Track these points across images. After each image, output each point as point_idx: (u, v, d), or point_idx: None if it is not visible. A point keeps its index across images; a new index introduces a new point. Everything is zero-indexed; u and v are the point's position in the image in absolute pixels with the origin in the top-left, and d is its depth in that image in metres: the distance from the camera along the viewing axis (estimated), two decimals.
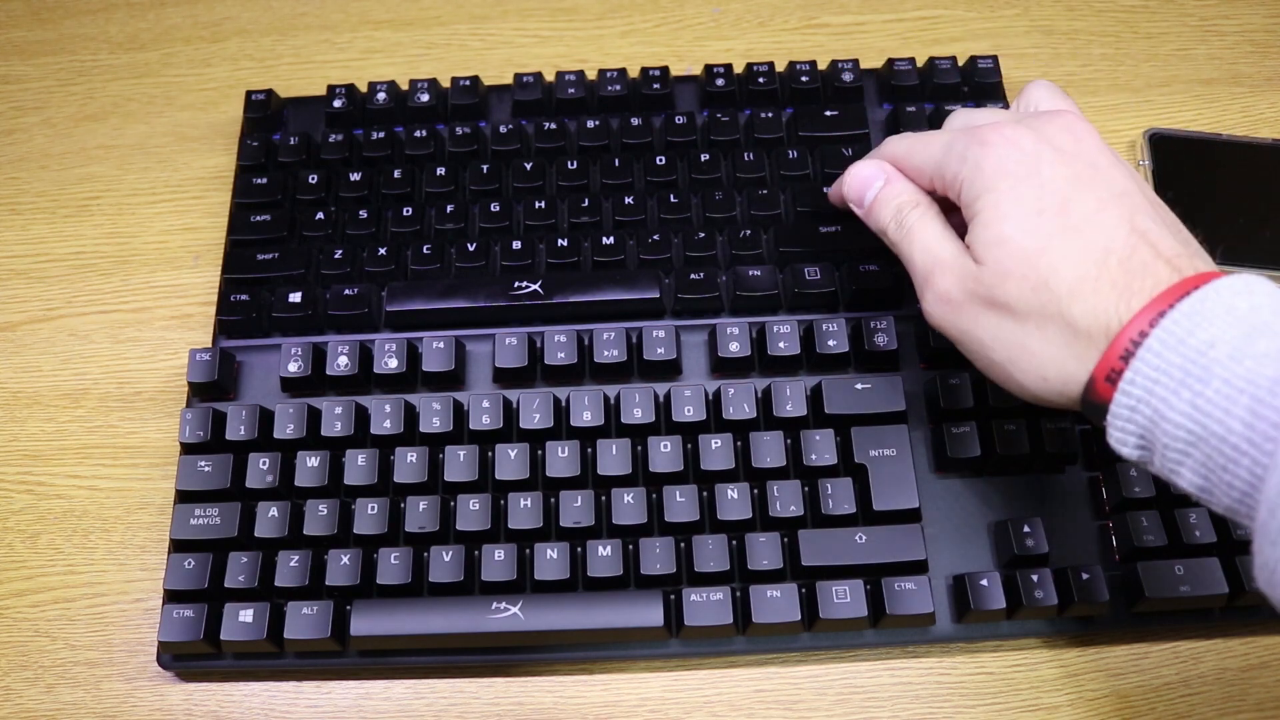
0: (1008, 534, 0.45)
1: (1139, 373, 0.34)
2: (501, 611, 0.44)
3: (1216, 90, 0.59)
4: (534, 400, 0.47)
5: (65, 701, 0.46)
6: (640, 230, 0.53)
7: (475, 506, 0.46)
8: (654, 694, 0.45)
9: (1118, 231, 0.36)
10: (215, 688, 0.46)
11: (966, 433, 0.46)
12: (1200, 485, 0.33)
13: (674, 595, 0.44)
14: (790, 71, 0.56)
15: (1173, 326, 0.33)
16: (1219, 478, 0.32)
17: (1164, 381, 0.33)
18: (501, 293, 0.51)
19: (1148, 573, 0.44)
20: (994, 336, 0.38)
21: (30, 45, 0.63)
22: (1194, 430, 0.32)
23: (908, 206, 0.41)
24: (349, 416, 0.48)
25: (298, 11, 0.64)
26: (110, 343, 0.54)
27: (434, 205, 0.54)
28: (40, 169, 0.59)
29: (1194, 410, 0.32)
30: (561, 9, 0.64)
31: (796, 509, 0.45)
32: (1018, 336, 0.37)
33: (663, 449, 0.46)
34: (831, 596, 0.43)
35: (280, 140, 0.56)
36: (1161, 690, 0.45)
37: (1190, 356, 0.32)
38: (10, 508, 0.50)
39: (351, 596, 0.45)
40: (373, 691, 0.46)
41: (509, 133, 0.55)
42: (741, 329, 0.49)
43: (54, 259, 0.56)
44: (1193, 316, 0.33)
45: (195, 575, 0.45)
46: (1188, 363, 0.32)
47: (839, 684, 0.45)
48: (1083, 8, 0.63)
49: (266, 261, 0.52)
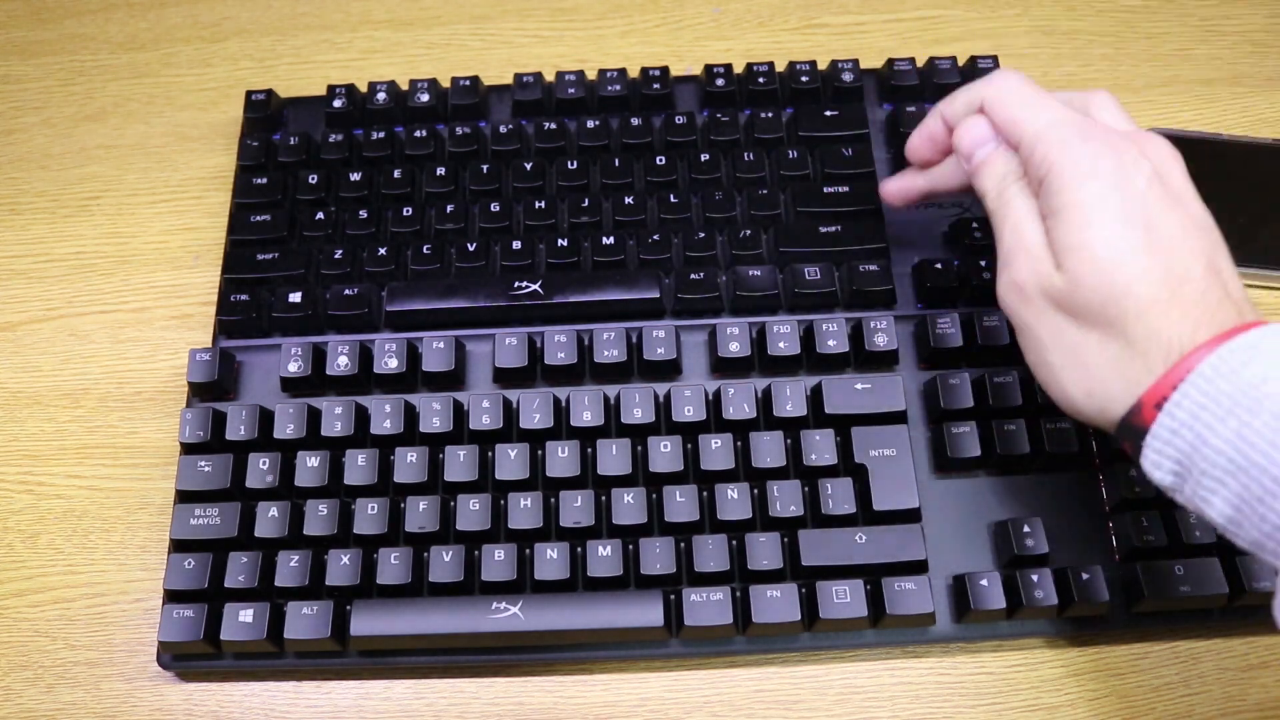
0: (1008, 534, 0.45)
1: (1188, 396, 0.33)
2: (501, 611, 0.44)
3: (1216, 90, 0.59)
4: (534, 400, 0.47)
5: (65, 701, 0.46)
6: (640, 230, 0.53)
7: (475, 506, 0.46)
8: (654, 694, 0.45)
9: (1196, 263, 0.35)
10: (215, 688, 0.46)
11: (966, 433, 0.46)
12: (1230, 516, 0.33)
13: (674, 595, 0.44)
14: (790, 71, 0.56)
15: (1228, 356, 0.33)
16: (1253, 509, 0.32)
17: (1211, 408, 0.33)
18: (501, 293, 0.51)
19: (1148, 573, 0.44)
20: (1053, 338, 0.37)
21: (30, 45, 0.63)
22: (1235, 459, 0.32)
23: (1011, 178, 0.40)
24: (349, 416, 0.48)
25: (298, 11, 0.64)
26: (110, 343, 0.54)
27: (434, 205, 0.54)
28: (40, 169, 0.59)
29: (1239, 439, 0.32)
30: (561, 9, 0.64)
31: (796, 509, 0.45)
32: (1076, 344, 0.37)
33: (663, 449, 0.46)
34: (831, 596, 0.43)
35: (280, 140, 0.56)
36: (1161, 690, 0.45)
37: (1242, 388, 0.32)
38: (10, 508, 0.50)
39: (351, 596, 0.45)
40: (373, 691, 0.46)
41: (509, 133, 0.55)
42: (741, 329, 0.49)
43: (54, 259, 0.57)
44: (1251, 350, 0.33)
45: (195, 575, 0.45)
46: (1238, 393, 0.32)
47: (839, 684, 0.45)
48: (1083, 8, 0.63)
49: (266, 261, 0.52)
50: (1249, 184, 0.55)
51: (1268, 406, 0.32)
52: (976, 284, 0.50)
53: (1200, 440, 0.33)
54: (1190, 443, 0.33)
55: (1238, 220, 0.54)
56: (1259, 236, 0.54)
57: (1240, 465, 0.32)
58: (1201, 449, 0.33)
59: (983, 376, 0.47)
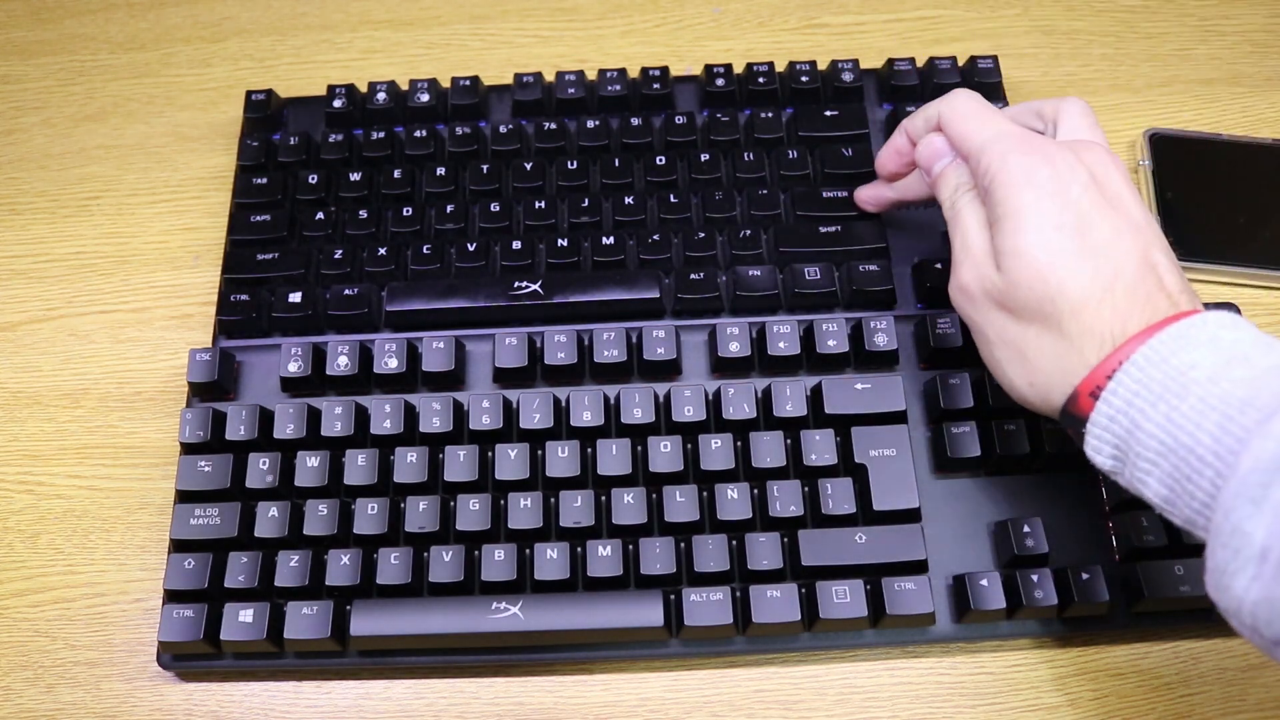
0: (1008, 534, 0.45)
1: (1122, 384, 0.36)
2: (501, 611, 0.44)
3: (1216, 90, 0.59)
4: (534, 400, 0.47)
5: (65, 701, 0.46)
6: (640, 230, 0.53)
7: (475, 506, 0.46)
8: (654, 694, 0.45)
9: (1129, 260, 0.38)
10: (215, 688, 0.46)
11: (966, 433, 0.46)
12: (1165, 496, 0.35)
13: (674, 595, 0.44)
14: (790, 71, 0.56)
15: (1159, 346, 0.35)
16: (1183, 488, 0.34)
17: (1144, 394, 0.35)
18: (501, 293, 0.51)
19: (1148, 573, 0.44)
20: (998, 334, 0.40)
21: (30, 45, 0.63)
22: (1165, 441, 0.34)
23: (963, 189, 0.43)
24: (349, 416, 0.48)
25: (298, 11, 0.64)
26: (110, 343, 0.54)
27: (434, 205, 0.54)
28: (40, 169, 0.59)
29: (1168, 423, 0.34)
30: (561, 9, 0.64)
31: (796, 509, 0.45)
32: (1017, 338, 0.39)
33: (663, 449, 0.46)
34: (831, 596, 0.43)
35: (280, 140, 0.56)
36: (1161, 690, 0.45)
37: (1171, 375, 0.34)
38: (10, 508, 0.50)
39: (351, 596, 0.45)
40: (373, 691, 0.46)
41: (509, 133, 0.56)
42: (741, 329, 0.49)
43: (54, 259, 0.57)
44: (1179, 339, 0.35)
45: (195, 575, 0.45)
46: (1168, 379, 0.34)
47: (839, 684, 0.45)
48: (1083, 8, 0.63)
49: (266, 261, 0.52)
50: (1249, 184, 0.55)
51: (1194, 391, 0.34)
52: None
53: (1134, 425, 0.35)
54: (1126, 428, 0.35)
55: (1238, 220, 0.54)
56: (1259, 236, 0.54)
57: (1170, 447, 0.34)
58: (1136, 433, 0.35)
59: (983, 376, 0.47)
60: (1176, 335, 0.35)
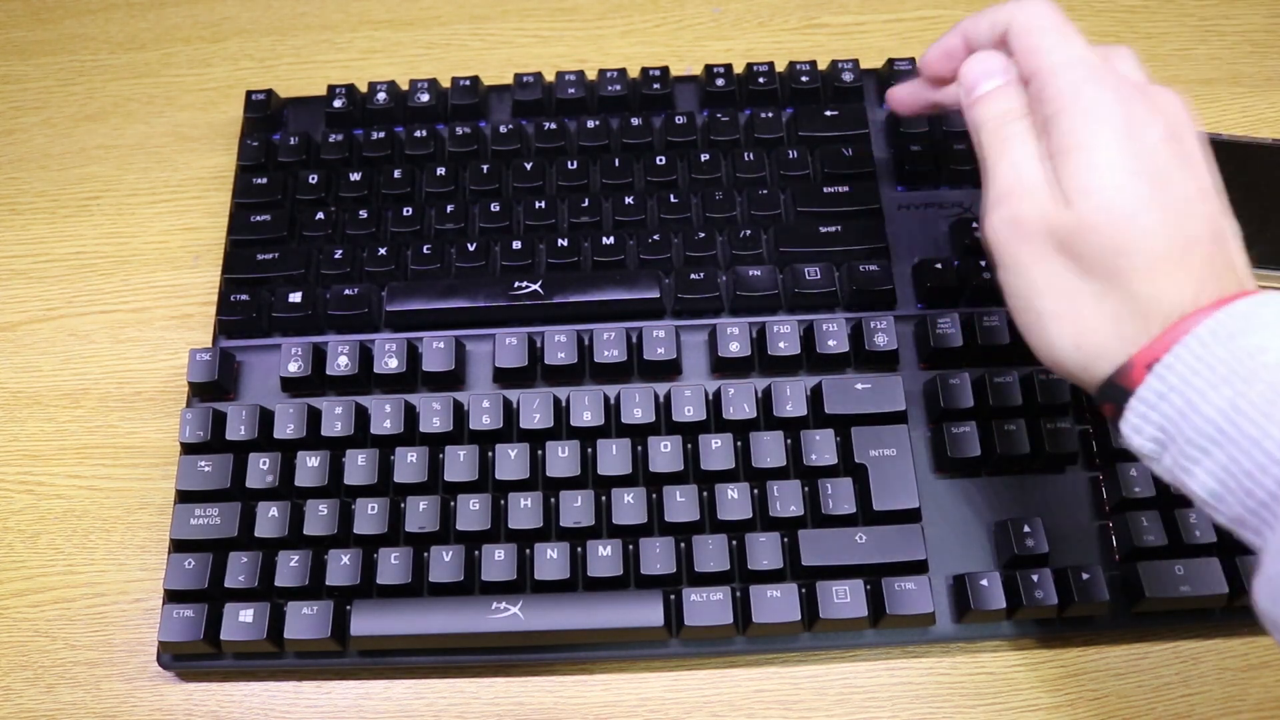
0: (1008, 534, 0.45)
1: (1181, 359, 0.32)
2: (501, 611, 0.44)
3: (1216, 90, 0.59)
4: (534, 400, 0.47)
5: (65, 701, 0.46)
6: (640, 230, 0.53)
7: (475, 506, 0.46)
8: (654, 694, 0.45)
9: (1205, 226, 0.34)
10: (215, 688, 0.46)
11: (966, 433, 0.46)
12: (1213, 490, 0.32)
13: (674, 595, 0.44)
14: (790, 71, 0.56)
15: (1226, 321, 0.32)
16: (1238, 483, 0.31)
17: (1205, 374, 0.31)
18: (501, 293, 0.51)
19: (1148, 573, 0.44)
20: (1049, 282, 0.35)
21: (30, 45, 0.63)
22: (1225, 429, 0.31)
23: (1015, 115, 0.38)
24: (349, 416, 0.48)
25: (298, 11, 0.64)
26: (110, 343, 0.54)
27: (434, 205, 0.54)
28: (40, 169, 0.59)
29: (1231, 409, 0.31)
30: (561, 9, 0.64)
31: (796, 509, 0.45)
32: (1073, 292, 0.35)
33: (663, 449, 0.46)
34: (831, 596, 0.43)
35: (280, 140, 0.56)
36: (1161, 690, 0.45)
37: (1239, 355, 0.31)
38: (10, 508, 0.50)
39: (351, 596, 0.45)
40: (373, 691, 0.46)
41: (509, 133, 0.55)
42: (741, 329, 0.49)
43: (54, 259, 0.57)
44: (1249, 318, 0.32)
45: (195, 575, 0.45)
46: (1234, 360, 0.31)
47: (839, 684, 0.45)
48: (1082, 8, 0.63)
49: (266, 261, 0.52)
50: (1249, 184, 0.55)
51: (1264, 377, 0.30)
52: (976, 284, 0.50)
53: (1189, 406, 0.32)
54: (1178, 409, 0.32)
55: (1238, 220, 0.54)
56: (1259, 236, 0.54)
57: (1230, 436, 0.31)
58: (1190, 416, 0.32)
59: (983, 376, 0.47)
60: (1246, 313, 0.32)
